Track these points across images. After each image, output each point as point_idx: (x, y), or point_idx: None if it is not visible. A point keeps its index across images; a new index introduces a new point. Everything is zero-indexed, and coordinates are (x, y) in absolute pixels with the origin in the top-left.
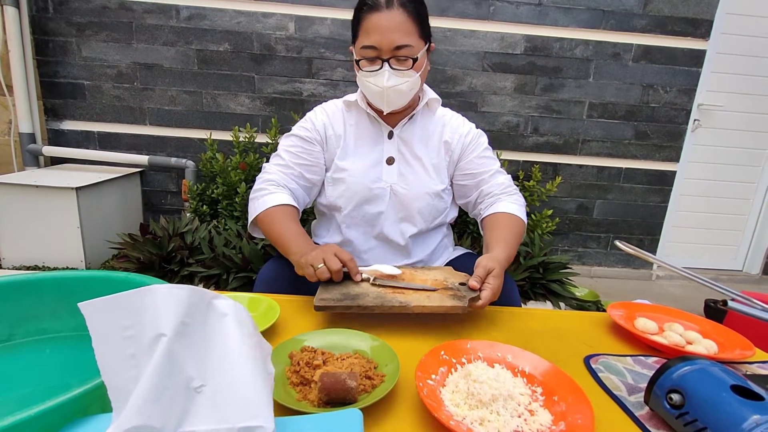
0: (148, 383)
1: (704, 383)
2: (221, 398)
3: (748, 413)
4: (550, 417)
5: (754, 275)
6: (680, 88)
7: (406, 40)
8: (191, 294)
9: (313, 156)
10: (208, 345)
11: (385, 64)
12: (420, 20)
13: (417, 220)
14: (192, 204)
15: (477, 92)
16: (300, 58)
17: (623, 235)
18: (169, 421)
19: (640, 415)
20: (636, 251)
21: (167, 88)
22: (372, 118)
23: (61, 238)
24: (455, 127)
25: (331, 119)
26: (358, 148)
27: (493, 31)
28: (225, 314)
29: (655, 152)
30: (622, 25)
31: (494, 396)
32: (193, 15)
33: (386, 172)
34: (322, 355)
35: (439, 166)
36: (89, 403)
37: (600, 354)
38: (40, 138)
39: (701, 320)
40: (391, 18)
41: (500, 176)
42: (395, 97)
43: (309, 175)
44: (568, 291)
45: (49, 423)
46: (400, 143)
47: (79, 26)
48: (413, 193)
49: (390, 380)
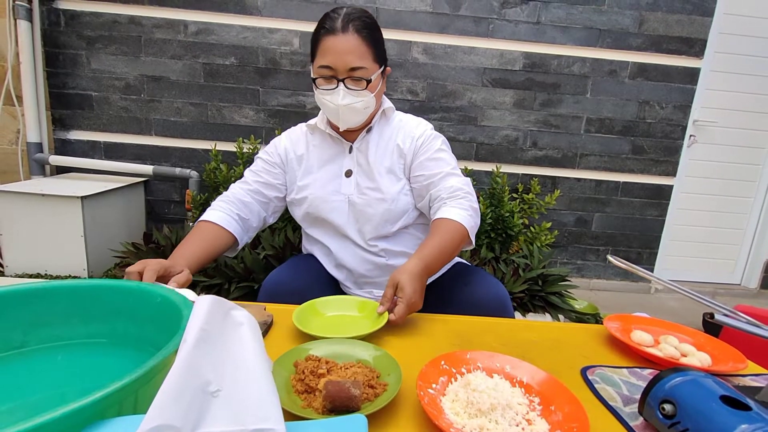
0: (169, 386)
1: (695, 394)
2: (235, 402)
3: (736, 423)
4: (547, 426)
5: (753, 289)
6: (676, 104)
7: (359, 62)
8: (212, 303)
9: (272, 176)
10: (224, 352)
11: (340, 84)
12: (374, 44)
13: (378, 226)
14: (195, 214)
15: (477, 107)
16: (304, 72)
17: (621, 248)
18: (187, 422)
19: (634, 426)
20: (627, 265)
21: (173, 100)
22: (334, 137)
23: (64, 247)
24: (408, 130)
25: (294, 143)
26: (320, 167)
27: (492, 48)
28: (241, 323)
29: (652, 167)
30: (618, 44)
31: (493, 405)
32: (201, 30)
33: (344, 184)
34: (326, 364)
35: (393, 168)
36: (107, 406)
37: (596, 365)
38: (47, 147)
39: (696, 333)
40: (346, 41)
41: (452, 179)
42: (350, 115)
43: (266, 191)
44: (567, 303)
45: (69, 425)
46: (358, 155)
47: (89, 39)
48: (368, 200)
49: (392, 389)
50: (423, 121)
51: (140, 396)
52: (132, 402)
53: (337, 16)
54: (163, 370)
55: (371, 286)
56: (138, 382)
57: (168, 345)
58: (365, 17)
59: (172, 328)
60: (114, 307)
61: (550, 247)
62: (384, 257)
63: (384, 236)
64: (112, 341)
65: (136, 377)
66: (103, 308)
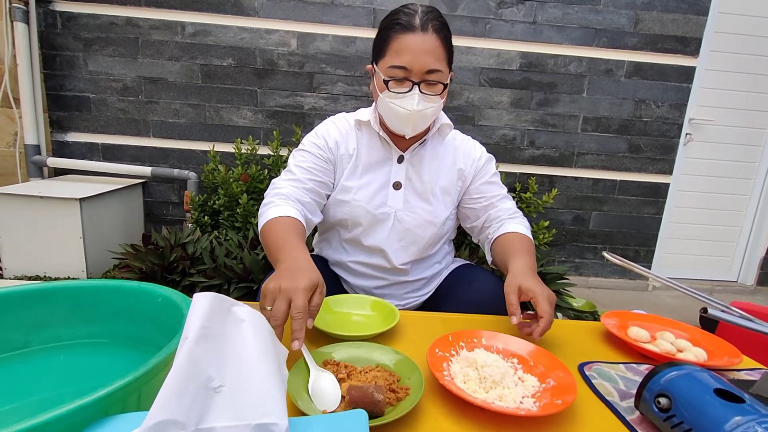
0: (171, 382)
1: (689, 387)
2: (238, 397)
3: (730, 415)
4: (536, 379)
5: (749, 286)
6: (672, 103)
7: (437, 65)
8: (213, 300)
9: (326, 173)
10: (226, 348)
11: (415, 87)
12: (449, 47)
13: (419, 247)
14: (194, 215)
15: (474, 106)
16: (302, 73)
17: (619, 246)
18: (191, 417)
19: (631, 420)
20: (623, 262)
21: (171, 102)
22: (383, 140)
23: (63, 249)
24: (467, 151)
25: (344, 137)
26: (366, 170)
27: (489, 48)
28: (243, 320)
29: (648, 165)
30: (614, 43)
31: (502, 374)
32: (198, 31)
33: (392, 197)
34: (345, 369)
35: (449, 191)
36: (111, 404)
37: (594, 361)
38: (44, 149)
39: (692, 329)
40: (425, 41)
41: (508, 202)
42: (420, 121)
43: (322, 191)
44: (565, 302)
45: (74, 422)
46: (410, 168)
47: (86, 41)
48: (417, 221)
49: (415, 392)
50: (477, 143)
51: (143, 393)
52: (135, 399)
53: (414, 13)
54: (166, 368)
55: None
56: (141, 380)
57: (170, 343)
58: (441, 17)
59: (173, 328)
60: (115, 307)
61: (548, 246)
62: (408, 275)
63: (421, 258)
64: (113, 341)
65: (139, 375)
66: (105, 309)
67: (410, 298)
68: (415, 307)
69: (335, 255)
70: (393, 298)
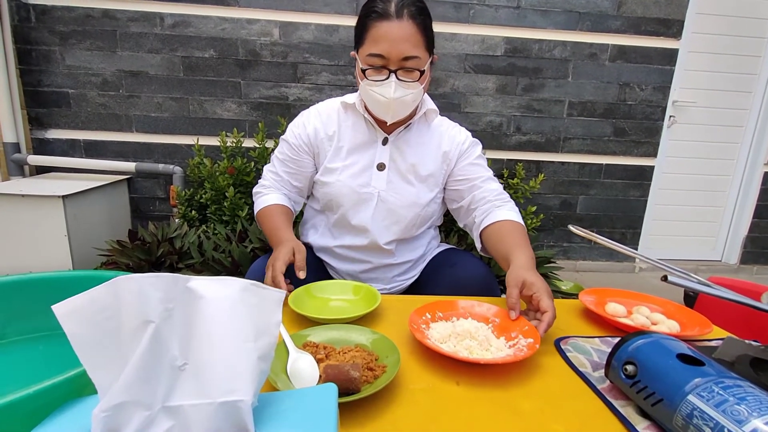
0: (135, 365)
1: (654, 353)
2: (202, 375)
3: (690, 377)
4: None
5: (732, 265)
6: (655, 85)
7: (414, 51)
8: (170, 280)
9: (300, 165)
10: (189, 326)
11: (392, 75)
12: (427, 32)
13: (404, 228)
14: (180, 209)
15: (460, 93)
16: (285, 63)
17: (606, 229)
18: (156, 397)
19: (602, 388)
20: (588, 234)
21: (153, 95)
22: (368, 122)
23: (48, 247)
24: (452, 135)
25: (324, 122)
26: (350, 152)
27: (473, 34)
28: (201, 296)
29: (633, 148)
30: (597, 26)
31: (476, 327)
32: (178, 22)
33: (376, 177)
34: (324, 350)
35: (434, 173)
36: (84, 384)
37: (570, 336)
38: (24, 147)
39: (665, 302)
40: (401, 28)
41: (493, 183)
42: (399, 109)
43: (295, 183)
44: (553, 285)
45: (45, 402)
46: (394, 150)
47: (62, 35)
48: (402, 201)
49: (392, 370)
50: (464, 129)
51: None
52: None
53: (390, 0)
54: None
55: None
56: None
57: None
58: (419, 2)
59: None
60: None
61: (536, 231)
62: (393, 257)
63: (406, 238)
64: None
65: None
66: None
67: (396, 281)
68: (401, 291)
69: (321, 240)
70: (379, 281)
